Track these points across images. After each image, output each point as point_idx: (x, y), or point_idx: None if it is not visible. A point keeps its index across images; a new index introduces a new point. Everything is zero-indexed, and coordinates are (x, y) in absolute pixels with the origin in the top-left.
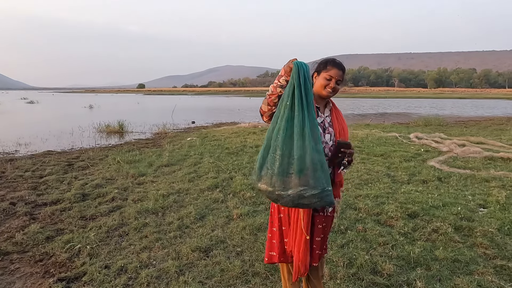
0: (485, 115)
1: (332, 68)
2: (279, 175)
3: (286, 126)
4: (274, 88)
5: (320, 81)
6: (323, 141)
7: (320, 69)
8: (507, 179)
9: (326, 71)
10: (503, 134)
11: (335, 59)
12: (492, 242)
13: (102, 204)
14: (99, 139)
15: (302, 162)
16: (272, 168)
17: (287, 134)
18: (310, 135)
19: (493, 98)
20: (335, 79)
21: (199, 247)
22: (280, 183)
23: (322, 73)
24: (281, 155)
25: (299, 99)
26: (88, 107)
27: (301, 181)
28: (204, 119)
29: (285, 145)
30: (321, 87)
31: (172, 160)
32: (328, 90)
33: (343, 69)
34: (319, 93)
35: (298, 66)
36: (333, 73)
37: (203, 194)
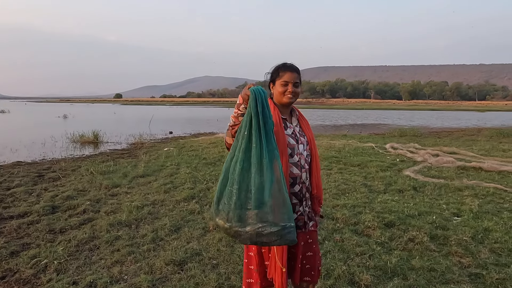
0: (457, 126)
1: (285, 72)
2: (236, 210)
3: (243, 158)
4: (235, 118)
5: (278, 89)
6: (297, 153)
7: (274, 77)
8: (479, 188)
9: (280, 77)
10: (474, 144)
11: (286, 63)
12: (466, 250)
13: (73, 217)
14: (73, 150)
15: (260, 197)
16: (229, 203)
17: (244, 167)
18: (269, 168)
19: (464, 110)
20: (291, 82)
21: (174, 260)
22: (238, 219)
23: (276, 81)
24: (238, 189)
25: (256, 129)
26: (62, 117)
27: (259, 218)
28: (182, 129)
29: (242, 178)
30: (280, 95)
31: (148, 171)
32: (288, 96)
33: (296, 70)
34: (280, 101)
35: (255, 93)
36: (287, 77)
37: (179, 206)
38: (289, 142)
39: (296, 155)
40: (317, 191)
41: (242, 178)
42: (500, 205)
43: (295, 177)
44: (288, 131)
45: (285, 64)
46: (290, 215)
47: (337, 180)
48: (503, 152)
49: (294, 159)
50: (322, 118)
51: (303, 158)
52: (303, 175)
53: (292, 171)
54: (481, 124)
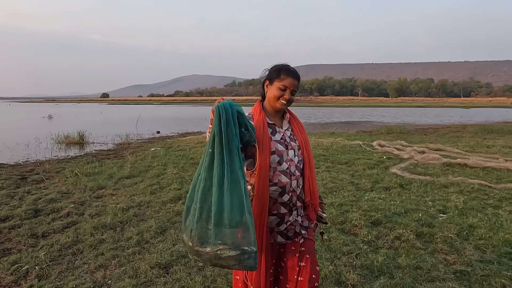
0: (443, 123)
1: (287, 77)
2: (197, 229)
3: (205, 176)
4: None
5: (273, 92)
6: (286, 159)
7: (273, 77)
8: (464, 185)
9: (280, 80)
10: (459, 141)
11: (289, 67)
12: (452, 247)
13: (56, 220)
14: (57, 151)
15: (220, 218)
16: (193, 220)
17: (206, 185)
18: (230, 188)
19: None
20: (289, 89)
21: (159, 263)
22: (199, 238)
23: (275, 82)
24: (200, 208)
25: (219, 148)
26: (47, 117)
27: (219, 239)
28: (170, 129)
29: (204, 197)
30: (274, 99)
31: (134, 172)
32: (282, 102)
33: (298, 77)
34: (272, 105)
35: (219, 110)
36: (288, 83)
37: (165, 207)
38: (277, 148)
39: (286, 162)
40: (311, 198)
41: (204, 197)
42: (485, 201)
43: (283, 185)
44: (276, 137)
45: (289, 68)
46: (251, 239)
47: (324, 179)
48: (487, 148)
49: (283, 166)
50: (310, 116)
51: (293, 164)
52: (293, 183)
53: (281, 180)
54: (466, 120)
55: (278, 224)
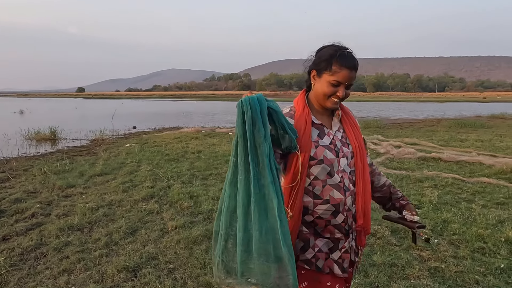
0: (418, 117)
1: (340, 69)
2: (223, 262)
3: (229, 194)
4: None
5: (323, 88)
6: (337, 170)
7: (322, 67)
8: (439, 179)
9: (331, 73)
10: (434, 135)
11: (344, 51)
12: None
13: (20, 222)
14: (27, 148)
15: (247, 250)
16: (219, 250)
17: (230, 206)
18: (257, 211)
19: (425, 101)
20: (344, 85)
21: (127, 266)
22: (226, 273)
23: (324, 75)
24: (224, 234)
25: (243, 157)
26: (19, 112)
27: (246, 276)
28: (147, 124)
29: (228, 220)
30: (324, 97)
31: (107, 169)
32: (334, 101)
33: (355, 67)
34: (320, 103)
35: (242, 106)
36: (343, 76)
37: (137, 206)
38: (326, 156)
39: (337, 174)
40: (364, 221)
41: (229, 220)
42: (458, 195)
43: (337, 203)
44: (325, 141)
45: (343, 54)
46: (289, 281)
47: None
48: (461, 142)
49: (334, 179)
50: None
51: (346, 176)
52: (348, 200)
53: (333, 196)
54: (441, 115)
55: (331, 250)
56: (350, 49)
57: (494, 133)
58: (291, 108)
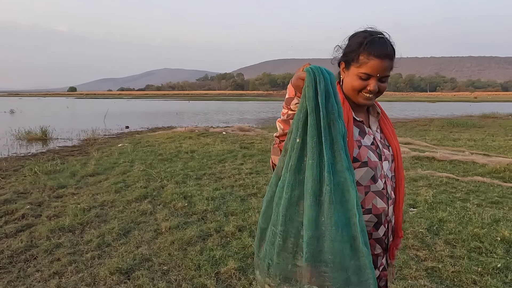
0: (411, 116)
1: (369, 59)
2: (279, 264)
3: (292, 181)
4: (284, 123)
5: (351, 82)
6: (381, 175)
7: (349, 59)
8: (433, 178)
9: (359, 64)
10: (427, 134)
11: (375, 38)
12: (422, 243)
13: (9, 223)
14: (18, 148)
15: (317, 251)
16: (271, 250)
17: (292, 196)
18: (333, 202)
19: (417, 101)
20: (375, 77)
21: (120, 268)
22: (283, 278)
23: (352, 67)
24: (283, 232)
25: (315, 136)
26: (9, 112)
27: (315, 284)
28: (140, 123)
29: (288, 214)
30: (354, 91)
31: (99, 169)
32: (366, 96)
33: (389, 55)
34: (352, 99)
35: (314, 73)
36: (372, 67)
37: (130, 206)
38: (370, 158)
39: (380, 179)
40: (400, 232)
41: (290, 215)
42: (453, 194)
43: (379, 213)
44: (366, 141)
45: (373, 40)
46: (369, 279)
47: None
48: (454, 141)
49: (378, 185)
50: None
51: (389, 182)
52: (390, 209)
53: (376, 205)
54: (432, 114)
55: None
56: (384, 34)
57: (486, 133)
58: None
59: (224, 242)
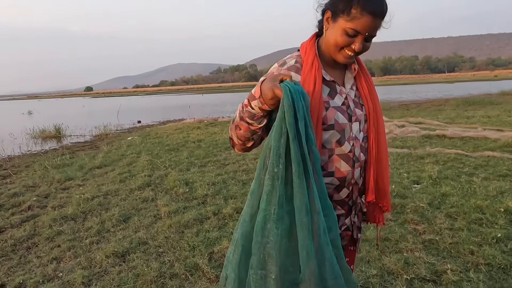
0: (426, 97)
1: (362, 14)
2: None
3: (280, 214)
4: (240, 118)
5: (335, 36)
6: (349, 137)
7: (339, 9)
8: (441, 155)
9: (350, 18)
10: (440, 114)
11: None
12: (422, 217)
13: (16, 214)
14: (32, 146)
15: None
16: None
17: (283, 231)
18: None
19: (434, 82)
20: (363, 35)
21: (116, 252)
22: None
23: (340, 19)
24: (278, 272)
25: (300, 161)
26: (27, 113)
27: None
28: (152, 118)
29: (282, 251)
30: (335, 47)
31: (107, 161)
32: (348, 54)
33: (382, 13)
34: (331, 53)
35: (292, 99)
36: (362, 25)
37: (133, 194)
38: (337, 120)
39: (348, 141)
40: (378, 196)
41: (285, 252)
42: (460, 169)
43: (343, 177)
44: (336, 101)
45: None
46: None
47: None
48: (467, 119)
49: (344, 148)
50: None
51: (358, 144)
52: (356, 172)
53: (339, 168)
54: (448, 95)
55: None
56: None
57: (503, 109)
58: (297, 59)
59: (222, 224)
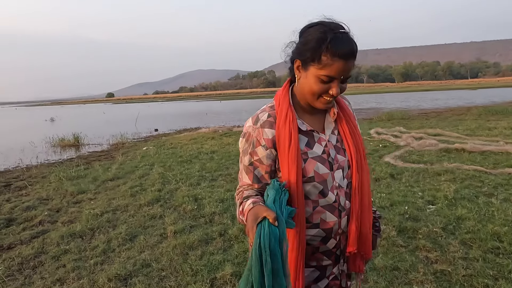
0: (447, 105)
1: (333, 60)
2: None
3: None
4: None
5: (310, 85)
6: (332, 186)
7: (308, 57)
8: (459, 172)
9: (321, 66)
10: (460, 124)
11: (338, 34)
12: (435, 243)
13: (27, 230)
14: (51, 155)
15: None
16: None
17: None
18: None
19: (456, 89)
20: (339, 79)
21: (118, 274)
22: None
23: (311, 67)
24: None
25: None
26: (49, 120)
27: None
28: (169, 126)
29: None
30: (312, 95)
31: (120, 173)
32: (326, 100)
33: (353, 53)
34: (309, 101)
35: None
36: (336, 70)
37: (141, 210)
38: (317, 172)
39: (332, 191)
40: (359, 246)
41: None
42: (478, 189)
43: (329, 228)
44: (316, 151)
45: (337, 37)
46: None
47: None
48: (489, 130)
49: (328, 198)
50: None
51: (342, 193)
52: (343, 221)
53: (325, 219)
54: (471, 102)
55: (317, 279)
56: (345, 28)
57: None
58: (270, 112)
59: (227, 246)
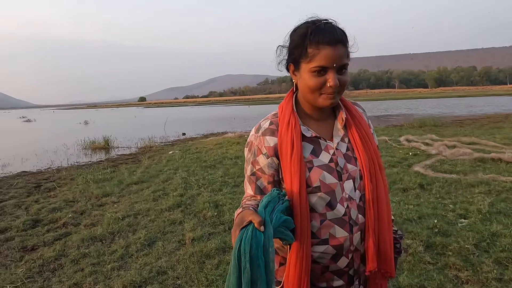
0: (483, 112)
1: (319, 48)
2: None
3: None
4: None
5: (306, 82)
6: (341, 198)
7: (297, 55)
8: (495, 183)
9: (310, 58)
10: (498, 132)
11: (319, 25)
12: (466, 262)
13: (50, 232)
14: (82, 157)
15: None
16: None
17: None
18: None
19: (494, 95)
20: (333, 68)
21: (134, 281)
22: None
23: (302, 64)
24: None
25: None
26: (83, 123)
27: None
28: (196, 130)
29: None
30: (311, 94)
31: (145, 177)
32: (329, 96)
33: (340, 39)
34: (312, 103)
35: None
36: (324, 58)
37: (162, 215)
38: (323, 181)
39: (341, 203)
40: (380, 263)
41: None
42: None
43: (339, 244)
44: (322, 159)
45: (318, 27)
46: None
47: None
48: None
49: (337, 211)
50: None
51: (354, 205)
52: (356, 237)
53: (334, 234)
54: (509, 109)
55: None
56: (328, 19)
57: None
58: (272, 120)
59: None
